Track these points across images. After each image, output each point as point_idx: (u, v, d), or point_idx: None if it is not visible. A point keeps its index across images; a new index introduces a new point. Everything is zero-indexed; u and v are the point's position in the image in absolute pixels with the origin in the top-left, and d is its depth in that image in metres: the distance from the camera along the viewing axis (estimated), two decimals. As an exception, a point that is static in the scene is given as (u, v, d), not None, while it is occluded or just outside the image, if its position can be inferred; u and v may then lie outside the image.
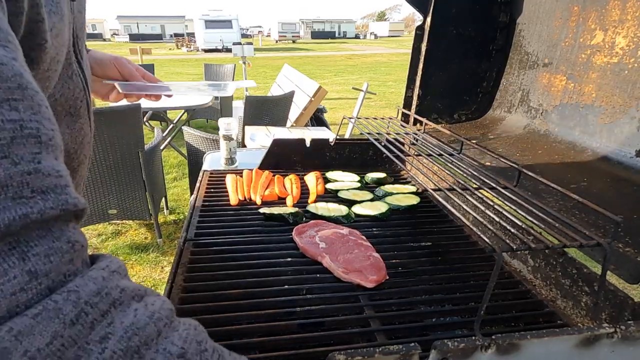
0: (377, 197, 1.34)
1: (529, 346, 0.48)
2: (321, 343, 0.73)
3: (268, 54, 25.21)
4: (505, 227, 0.73)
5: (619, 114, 1.00)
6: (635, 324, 0.50)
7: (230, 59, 12.60)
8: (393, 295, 0.88)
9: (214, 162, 1.70)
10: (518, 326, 0.81)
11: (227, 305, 0.81)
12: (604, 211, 0.67)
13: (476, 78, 1.54)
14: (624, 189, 0.92)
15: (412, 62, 1.50)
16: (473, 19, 1.45)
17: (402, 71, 9.02)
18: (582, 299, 0.82)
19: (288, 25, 48.04)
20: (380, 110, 8.26)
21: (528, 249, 0.63)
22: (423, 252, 1.05)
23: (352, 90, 6.92)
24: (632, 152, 0.96)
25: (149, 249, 3.01)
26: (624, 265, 0.73)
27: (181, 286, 0.86)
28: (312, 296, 0.85)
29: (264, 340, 0.72)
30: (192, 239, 1.05)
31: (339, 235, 1.05)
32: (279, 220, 1.16)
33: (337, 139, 1.59)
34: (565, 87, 1.18)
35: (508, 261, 1.03)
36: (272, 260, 0.98)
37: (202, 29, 29.12)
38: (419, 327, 0.79)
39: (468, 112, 1.58)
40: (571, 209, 0.88)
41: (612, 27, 1.03)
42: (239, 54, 7.53)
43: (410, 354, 0.46)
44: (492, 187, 0.89)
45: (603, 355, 0.51)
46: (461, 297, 0.87)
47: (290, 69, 5.56)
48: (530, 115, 1.32)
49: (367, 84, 4.85)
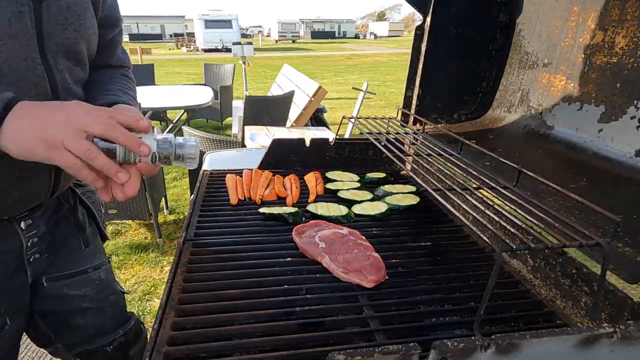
0: (376, 197, 1.34)
1: (529, 346, 0.48)
2: (321, 343, 0.72)
3: (268, 53, 25.21)
4: (505, 227, 0.73)
5: (619, 114, 1.00)
6: (634, 323, 0.50)
7: (230, 59, 12.60)
8: (392, 295, 0.88)
9: (214, 162, 1.70)
10: (517, 326, 0.81)
11: (227, 305, 0.81)
12: (604, 211, 0.67)
13: (476, 78, 1.54)
14: (624, 189, 0.92)
15: (412, 62, 1.50)
16: (473, 19, 1.45)
17: (402, 71, 9.03)
18: (582, 299, 0.82)
19: (288, 25, 48.02)
20: (380, 110, 8.26)
21: (528, 249, 0.63)
22: (423, 252, 1.05)
23: (352, 90, 6.92)
24: (632, 152, 0.96)
25: (148, 249, 3.01)
26: (624, 265, 0.73)
27: (181, 286, 0.86)
28: (312, 296, 0.85)
29: (264, 340, 0.72)
30: (191, 239, 1.05)
31: (338, 235, 1.05)
32: (279, 220, 1.16)
33: (337, 138, 1.59)
34: (565, 87, 1.18)
35: (508, 261, 1.03)
36: (272, 260, 0.98)
37: (201, 28, 29.10)
38: (419, 327, 0.79)
39: (468, 112, 1.58)
40: (571, 209, 0.88)
41: (612, 27, 1.03)
42: (238, 53, 7.54)
43: (409, 354, 0.46)
44: (491, 187, 0.89)
45: (602, 355, 0.51)
46: (461, 297, 0.87)
47: (290, 68, 5.56)
48: (530, 115, 1.32)
49: (367, 84, 4.85)
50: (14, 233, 0.88)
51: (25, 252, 0.91)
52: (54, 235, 0.98)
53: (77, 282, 1.04)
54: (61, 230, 1.00)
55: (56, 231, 0.99)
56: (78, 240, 1.05)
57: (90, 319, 1.06)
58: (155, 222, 3.00)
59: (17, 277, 0.92)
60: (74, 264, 1.04)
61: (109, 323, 1.10)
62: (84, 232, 1.06)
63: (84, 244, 1.06)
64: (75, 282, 1.04)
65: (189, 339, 0.72)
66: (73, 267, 1.04)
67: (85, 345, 1.07)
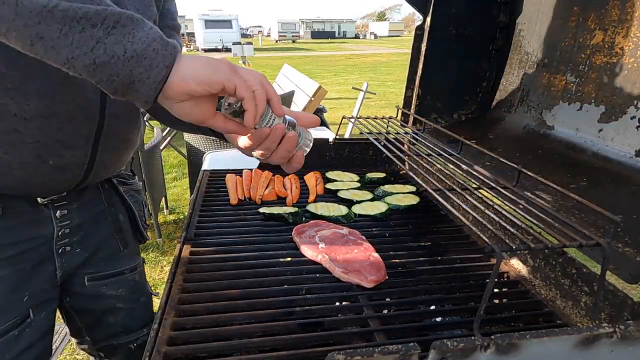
0: (376, 197, 1.34)
1: (529, 346, 0.48)
2: (320, 343, 0.72)
3: (268, 53, 25.21)
4: (505, 226, 0.73)
5: (619, 114, 1.00)
6: (634, 323, 0.50)
7: (230, 59, 12.56)
8: (392, 295, 0.88)
9: (214, 162, 1.70)
10: (517, 326, 0.81)
11: (227, 305, 0.81)
12: (604, 211, 0.67)
13: (476, 78, 1.54)
14: (624, 189, 0.92)
15: (412, 62, 1.50)
16: (473, 19, 1.45)
17: (402, 71, 9.02)
18: (582, 299, 0.82)
19: (288, 25, 48.00)
20: (380, 110, 8.26)
21: (527, 249, 0.63)
22: (422, 252, 1.05)
23: (352, 90, 6.92)
24: (632, 152, 0.96)
25: (148, 249, 3.01)
26: (624, 265, 0.73)
27: (181, 286, 0.86)
28: (312, 296, 0.85)
29: (264, 340, 0.72)
30: (191, 239, 1.05)
31: (338, 235, 1.05)
32: (279, 220, 1.16)
33: (337, 138, 1.60)
34: (565, 87, 1.18)
35: (507, 261, 1.03)
36: (272, 260, 0.98)
37: (201, 28, 29.11)
38: (418, 327, 0.79)
39: (468, 112, 1.58)
40: (571, 209, 0.88)
41: (612, 27, 1.03)
42: (238, 53, 7.55)
43: (409, 354, 0.46)
44: (491, 187, 0.89)
45: (602, 355, 0.50)
46: (461, 297, 0.87)
47: (290, 68, 5.56)
48: (530, 115, 1.32)
49: (366, 84, 4.85)
50: (48, 220, 0.89)
51: (55, 242, 0.91)
52: (91, 233, 0.99)
53: (114, 283, 1.06)
54: (101, 230, 1.01)
55: (95, 230, 1.00)
56: (117, 241, 1.06)
57: (121, 319, 1.09)
58: (155, 222, 3.00)
59: (45, 267, 0.91)
60: (113, 264, 1.05)
61: (136, 323, 1.12)
62: (123, 233, 1.06)
63: (122, 246, 1.07)
64: (112, 283, 1.05)
65: (188, 339, 0.72)
66: (113, 268, 1.05)
67: (111, 341, 1.10)
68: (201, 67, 0.59)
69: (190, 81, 0.59)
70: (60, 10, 0.52)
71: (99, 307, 1.05)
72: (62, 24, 0.52)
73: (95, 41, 0.53)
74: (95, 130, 0.83)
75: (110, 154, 0.91)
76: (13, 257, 0.85)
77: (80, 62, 0.54)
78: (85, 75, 0.56)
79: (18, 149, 0.75)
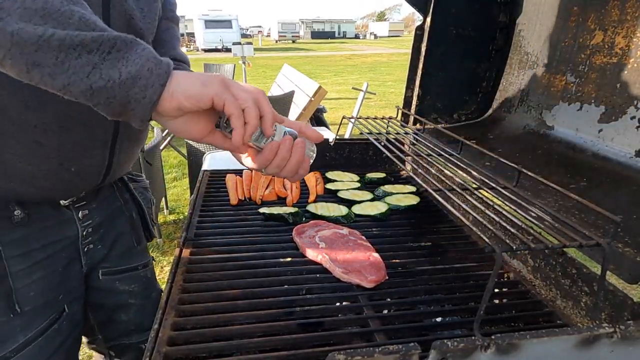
0: (377, 197, 1.34)
1: (529, 346, 0.48)
2: (321, 343, 0.72)
3: (268, 54, 25.21)
4: (505, 227, 0.73)
5: (619, 114, 1.00)
6: (634, 324, 0.50)
7: (230, 59, 12.59)
8: (392, 295, 0.88)
9: (214, 162, 1.70)
10: (517, 326, 0.81)
11: (227, 305, 0.81)
12: (604, 211, 0.67)
13: (476, 78, 1.54)
14: (624, 189, 0.92)
15: (411, 62, 1.50)
16: (473, 19, 1.45)
17: (402, 71, 9.01)
18: (582, 299, 0.82)
19: (288, 25, 47.99)
20: (380, 110, 8.26)
21: (528, 249, 0.63)
22: (423, 252, 1.05)
23: (352, 90, 6.92)
24: (632, 152, 0.96)
25: (148, 249, 3.01)
26: (624, 266, 0.73)
27: (181, 286, 0.86)
28: (312, 296, 0.85)
29: (264, 340, 0.72)
30: (191, 239, 1.05)
31: (338, 235, 1.05)
32: (279, 220, 1.16)
33: (337, 139, 1.59)
34: (565, 87, 1.18)
35: (508, 261, 1.03)
36: (272, 260, 0.98)
37: (201, 28, 29.10)
38: (419, 327, 0.79)
39: (468, 112, 1.58)
40: (571, 209, 0.88)
41: (612, 27, 1.03)
42: (238, 53, 7.54)
43: (409, 354, 0.46)
44: (491, 187, 0.89)
45: (602, 355, 0.51)
46: (461, 297, 0.87)
47: (290, 68, 5.56)
48: (530, 115, 1.32)
49: (366, 84, 4.86)
50: (71, 221, 0.92)
51: (80, 242, 0.95)
52: (109, 229, 1.02)
53: (128, 278, 1.08)
54: (117, 225, 1.04)
55: (112, 226, 1.03)
56: (131, 237, 1.09)
57: (132, 315, 1.10)
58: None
59: (73, 266, 0.95)
60: (127, 260, 1.08)
61: (147, 321, 1.12)
62: (136, 230, 1.09)
63: (136, 242, 1.10)
64: (125, 278, 1.08)
65: (189, 339, 0.72)
66: (128, 263, 1.08)
67: (122, 340, 1.12)
68: (192, 83, 0.60)
69: (180, 96, 0.59)
70: (57, 39, 0.52)
71: (112, 302, 1.07)
72: (59, 51, 0.53)
73: (91, 67, 0.54)
74: (112, 134, 0.85)
75: (126, 155, 0.93)
76: (45, 260, 0.88)
77: (77, 88, 0.55)
78: (83, 100, 0.56)
79: (40, 159, 0.77)
